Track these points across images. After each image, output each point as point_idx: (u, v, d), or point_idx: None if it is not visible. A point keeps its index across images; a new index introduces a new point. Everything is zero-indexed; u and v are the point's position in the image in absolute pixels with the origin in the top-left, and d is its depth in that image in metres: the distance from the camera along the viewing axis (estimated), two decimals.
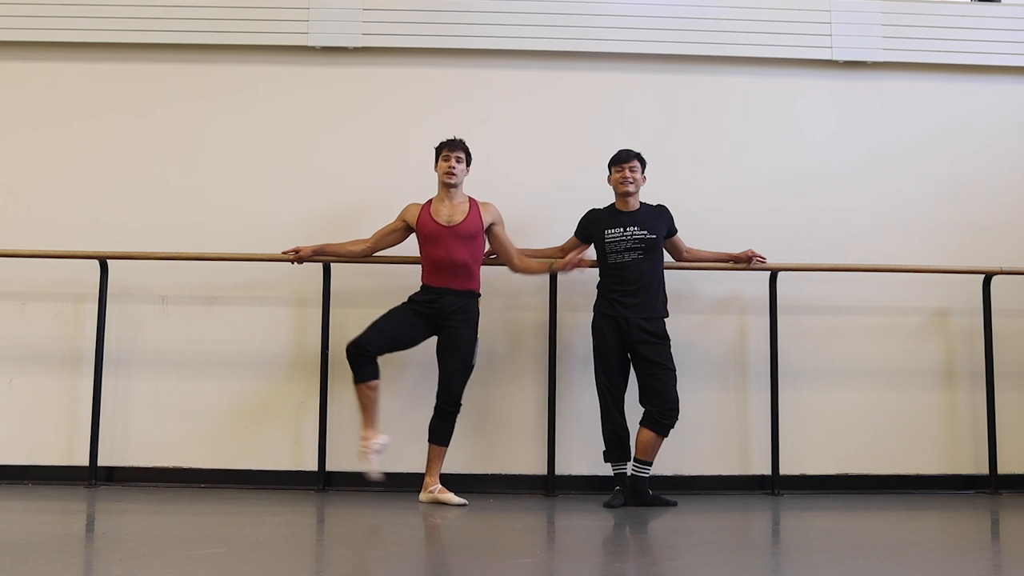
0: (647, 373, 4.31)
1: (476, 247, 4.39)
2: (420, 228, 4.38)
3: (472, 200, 4.43)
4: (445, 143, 4.43)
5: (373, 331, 4.26)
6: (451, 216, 4.36)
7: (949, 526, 4.06)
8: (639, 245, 4.37)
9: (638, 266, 4.36)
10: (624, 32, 5.03)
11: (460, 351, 4.29)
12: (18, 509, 4.02)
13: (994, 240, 5.02)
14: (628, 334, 4.31)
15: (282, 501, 4.31)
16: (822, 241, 4.96)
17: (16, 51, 4.99)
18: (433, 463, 4.30)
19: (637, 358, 4.34)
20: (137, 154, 4.94)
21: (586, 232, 4.54)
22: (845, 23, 5.08)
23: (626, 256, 4.37)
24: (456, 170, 4.37)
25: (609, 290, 4.39)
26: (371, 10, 5.00)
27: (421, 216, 4.39)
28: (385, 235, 4.50)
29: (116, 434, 4.74)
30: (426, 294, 4.34)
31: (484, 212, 4.42)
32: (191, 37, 4.96)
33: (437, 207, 4.39)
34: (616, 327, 4.33)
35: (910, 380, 4.93)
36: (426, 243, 4.37)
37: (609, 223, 4.44)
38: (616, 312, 4.33)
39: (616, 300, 4.35)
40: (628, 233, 4.38)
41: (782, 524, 4.02)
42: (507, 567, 2.99)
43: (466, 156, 4.44)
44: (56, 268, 4.80)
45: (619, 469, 4.33)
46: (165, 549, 3.15)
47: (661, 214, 4.49)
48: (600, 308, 4.41)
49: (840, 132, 5.11)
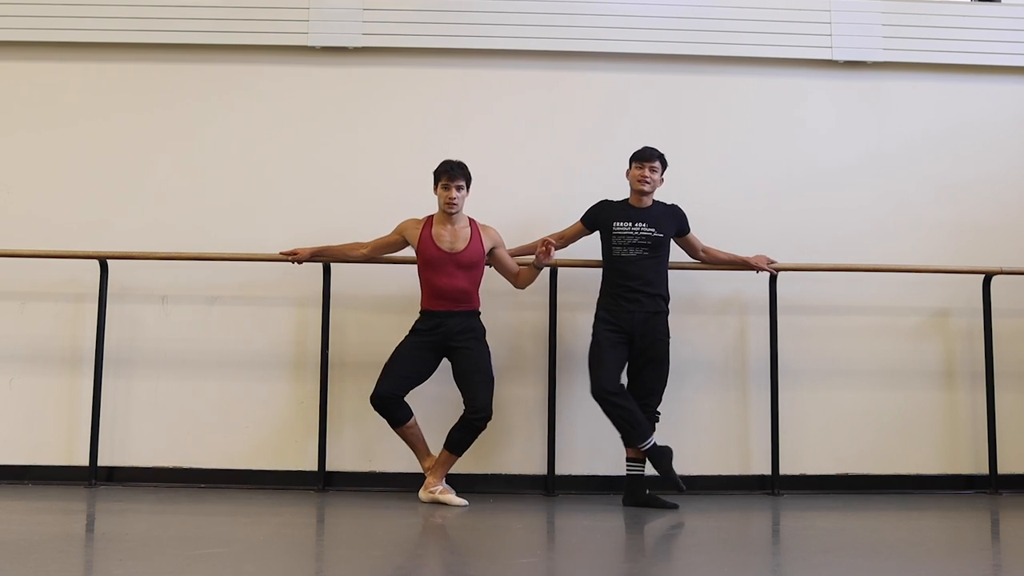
0: (646, 368, 4.32)
1: (477, 273, 4.37)
2: (421, 252, 4.33)
3: (473, 223, 4.38)
4: (444, 171, 4.31)
5: (388, 378, 4.24)
6: (453, 243, 4.31)
7: (949, 526, 4.06)
8: (645, 242, 4.36)
9: (642, 262, 4.36)
10: (624, 32, 5.03)
11: (480, 366, 4.28)
12: (18, 509, 4.02)
13: (994, 240, 5.02)
14: (631, 327, 4.30)
15: (282, 501, 4.31)
16: (822, 241, 4.96)
17: (16, 51, 4.99)
18: (441, 467, 4.29)
19: (636, 353, 4.34)
20: (137, 154, 4.94)
21: (594, 220, 4.52)
22: (845, 23, 5.08)
23: (631, 251, 4.37)
24: (456, 199, 4.29)
25: (613, 286, 4.38)
26: (371, 10, 5.00)
27: (422, 239, 4.33)
28: (383, 246, 4.48)
29: (116, 434, 4.74)
30: (430, 320, 4.30)
31: (485, 237, 4.38)
32: (191, 37, 4.96)
33: (439, 231, 4.33)
34: (617, 319, 4.31)
35: (910, 380, 4.93)
36: (427, 268, 4.33)
37: (620, 215, 4.43)
38: (618, 306, 4.32)
39: (618, 295, 4.34)
40: (637, 228, 4.38)
41: (782, 524, 4.02)
42: (507, 567, 2.99)
43: (466, 181, 4.34)
44: (56, 268, 4.80)
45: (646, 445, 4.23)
46: (165, 549, 3.15)
47: (673, 214, 4.49)
48: (604, 305, 4.39)
49: (840, 132, 5.11)
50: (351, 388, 4.74)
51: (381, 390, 4.22)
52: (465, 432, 4.23)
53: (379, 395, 4.22)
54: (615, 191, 4.59)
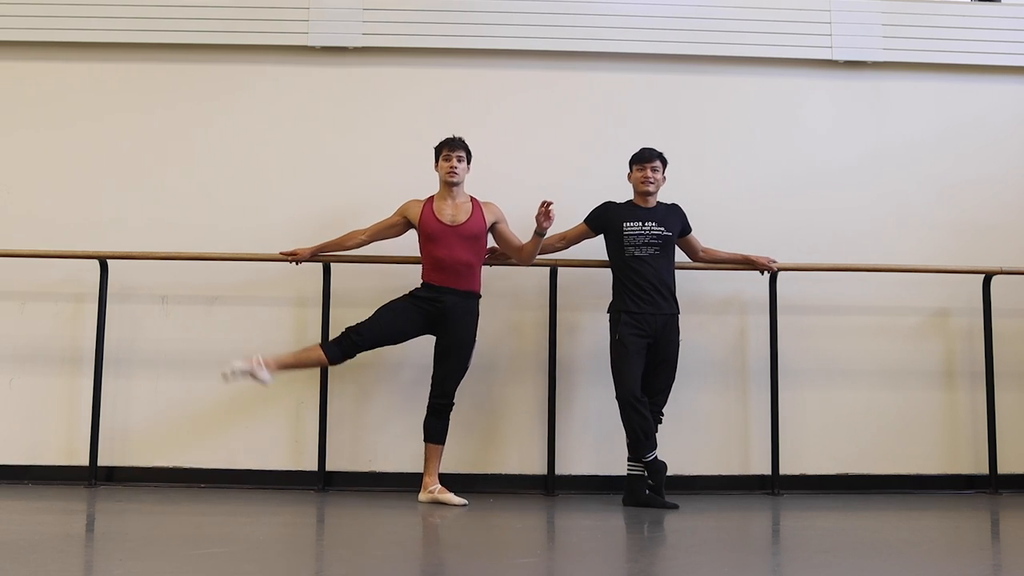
0: (658, 368, 4.34)
1: (479, 247, 4.38)
2: (423, 226, 4.36)
3: (474, 200, 4.42)
4: (445, 143, 4.42)
5: (371, 325, 4.25)
6: (455, 215, 4.34)
7: (949, 526, 4.06)
8: (656, 241, 4.37)
9: (655, 262, 4.36)
10: (625, 32, 5.03)
11: (460, 353, 4.29)
12: (18, 509, 4.02)
13: (994, 240, 5.02)
14: (654, 330, 4.31)
15: (282, 501, 4.31)
16: (822, 241, 4.96)
17: (16, 51, 4.99)
18: (431, 462, 4.29)
19: (652, 354, 4.34)
20: (137, 154, 4.94)
21: (599, 222, 4.51)
22: (845, 23, 5.08)
23: (644, 251, 4.37)
24: (458, 169, 4.36)
25: (631, 287, 4.36)
26: (371, 10, 5.00)
27: (423, 214, 4.37)
28: (383, 229, 4.49)
29: (116, 434, 4.74)
30: (428, 292, 4.31)
31: (487, 212, 4.41)
32: (191, 37, 4.96)
33: (440, 206, 4.38)
34: (640, 322, 4.30)
35: (910, 380, 4.93)
36: (428, 242, 4.35)
37: (628, 216, 4.43)
38: (640, 309, 4.32)
39: (637, 296, 4.33)
40: (647, 228, 4.38)
41: (782, 524, 4.02)
42: (507, 567, 2.99)
43: (467, 154, 4.42)
44: (56, 268, 4.80)
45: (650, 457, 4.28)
46: (165, 549, 3.15)
47: (676, 213, 4.51)
48: (620, 307, 4.37)
49: (840, 132, 5.11)
50: (351, 388, 4.74)
51: (359, 330, 4.22)
52: (436, 416, 4.26)
53: (357, 332, 4.22)
54: (616, 190, 4.59)
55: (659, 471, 4.28)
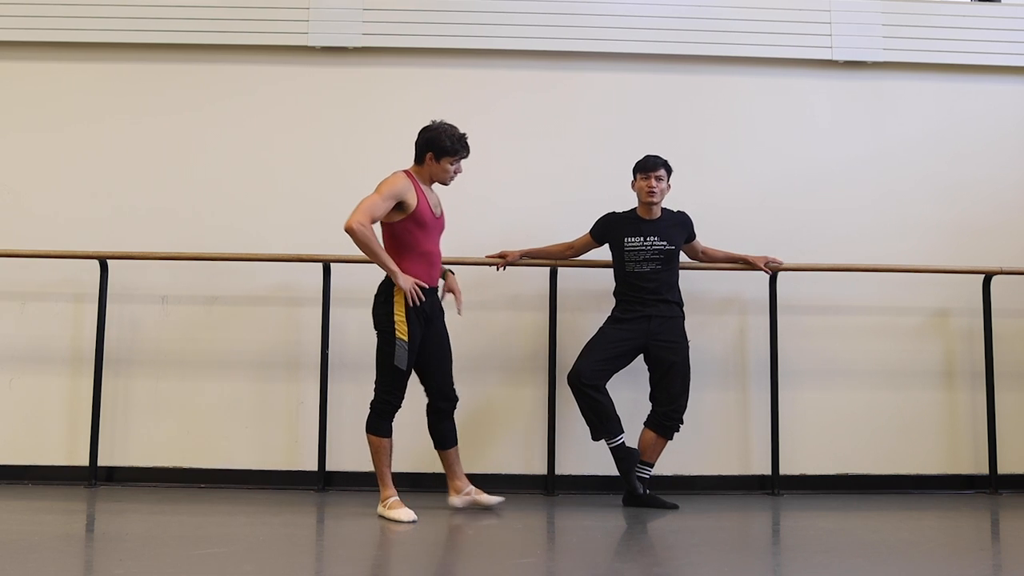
0: (668, 374, 4.29)
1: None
2: (419, 215, 4.00)
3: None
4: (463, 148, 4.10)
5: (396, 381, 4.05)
6: (436, 206, 4.11)
7: (949, 526, 4.06)
8: (658, 256, 4.34)
9: (656, 276, 4.34)
10: (624, 32, 5.03)
11: (447, 348, 4.16)
12: (18, 509, 4.02)
13: (994, 240, 5.02)
14: (645, 333, 4.29)
15: (282, 501, 4.32)
16: (822, 241, 4.96)
17: (16, 51, 4.99)
18: (456, 466, 4.17)
19: (654, 360, 4.33)
20: (137, 154, 4.94)
21: (602, 234, 4.51)
22: (845, 23, 5.08)
23: (645, 266, 4.35)
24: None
25: (626, 299, 4.37)
26: (371, 10, 5.00)
27: (420, 202, 4.01)
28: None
29: (116, 434, 4.74)
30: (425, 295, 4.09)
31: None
32: (191, 37, 4.96)
33: (428, 195, 4.09)
34: (632, 326, 4.29)
35: (910, 380, 4.93)
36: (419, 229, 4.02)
37: (630, 230, 4.40)
38: (634, 311, 4.31)
39: (635, 309, 4.32)
40: (648, 243, 4.36)
41: (782, 524, 4.02)
42: (507, 567, 2.99)
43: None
44: (56, 268, 4.80)
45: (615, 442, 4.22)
46: (165, 549, 3.15)
47: (681, 222, 4.48)
48: (615, 310, 4.39)
49: (840, 132, 5.11)
50: (351, 388, 4.74)
51: (392, 397, 4.05)
52: (448, 421, 4.13)
53: (392, 400, 4.06)
54: (615, 190, 4.59)
55: (624, 458, 4.20)
